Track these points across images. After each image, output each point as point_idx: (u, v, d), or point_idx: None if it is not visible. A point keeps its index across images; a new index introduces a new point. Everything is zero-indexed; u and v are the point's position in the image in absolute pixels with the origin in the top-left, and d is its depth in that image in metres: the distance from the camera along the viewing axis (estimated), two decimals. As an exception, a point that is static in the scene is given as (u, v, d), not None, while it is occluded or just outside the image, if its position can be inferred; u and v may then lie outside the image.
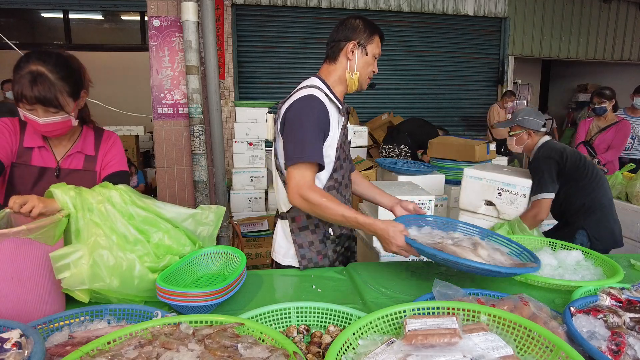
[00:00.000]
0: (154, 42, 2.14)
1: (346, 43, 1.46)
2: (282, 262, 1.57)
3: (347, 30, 1.47)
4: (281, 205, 1.56)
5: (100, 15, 6.85)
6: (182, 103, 2.20)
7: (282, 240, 1.57)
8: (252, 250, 3.37)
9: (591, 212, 2.30)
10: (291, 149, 1.37)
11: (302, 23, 6.26)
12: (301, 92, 1.42)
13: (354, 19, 1.49)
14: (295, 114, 1.38)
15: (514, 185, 2.20)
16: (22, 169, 1.41)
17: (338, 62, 1.49)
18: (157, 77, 2.17)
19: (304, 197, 1.35)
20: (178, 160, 2.24)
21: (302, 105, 1.38)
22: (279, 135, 1.46)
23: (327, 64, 1.52)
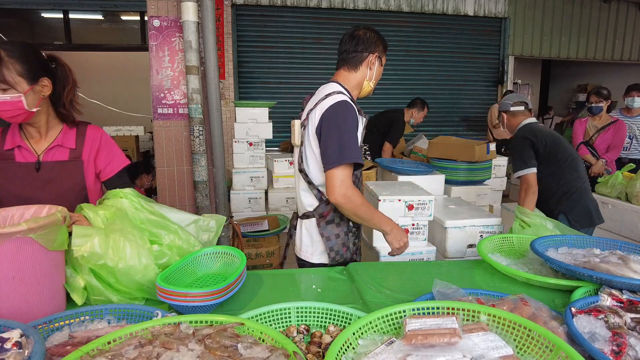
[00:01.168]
0: (154, 42, 2.14)
1: (368, 54, 1.61)
2: (310, 260, 1.67)
3: (367, 43, 1.60)
4: (305, 206, 1.65)
5: (100, 15, 6.85)
6: (182, 103, 2.20)
7: (308, 239, 1.66)
8: (252, 250, 3.37)
9: (568, 196, 2.37)
10: (334, 151, 1.46)
11: (302, 23, 6.26)
12: (333, 97, 1.52)
13: (370, 32, 1.62)
14: (334, 118, 1.48)
15: (492, 226, 2.34)
16: (5, 167, 1.44)
17: (359, 71, 1.62)
18: (157, 77, 2.17)
19: (348, 196, 1.47)
20: (178, 160, 2.23)
21: (340, 110, 1.48)
22: (311, 140, 1.55)
23: (346, 71, 1.63)
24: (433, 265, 1.60)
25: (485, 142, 3.79)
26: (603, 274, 1.18)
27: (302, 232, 1.69)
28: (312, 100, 1.63)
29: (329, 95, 1.53)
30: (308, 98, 1.72)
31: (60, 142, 1.51)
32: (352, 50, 1.60)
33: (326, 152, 1.48)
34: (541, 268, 1.46)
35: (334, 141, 1.47)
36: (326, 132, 1.48)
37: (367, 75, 1.63)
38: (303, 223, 1.68)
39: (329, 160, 1.47)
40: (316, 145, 1.54)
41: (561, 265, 1.29)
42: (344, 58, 1.62)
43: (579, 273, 1.23)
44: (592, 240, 1.56)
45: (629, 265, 1.26)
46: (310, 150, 1.56)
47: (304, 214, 1.66)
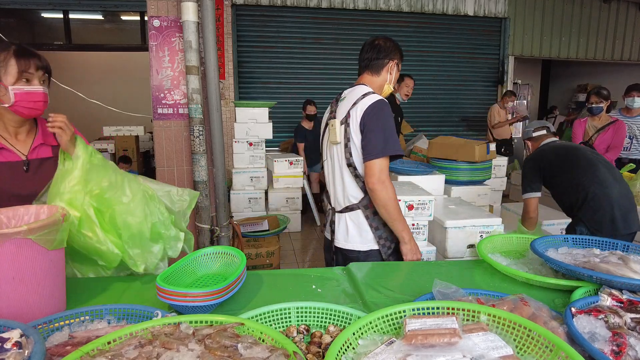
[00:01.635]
0: (154, 42, 2.14)
1: (388, 61, 1.80)
2: (360, 249, 1.77)
3: (387, 51, 1.79)
4: (350, 199, 1.76)
5: (100, 15, 6.85)
6: (182, 103, 2.20)
7: (355, 229, 1.77)
8: (252, 250, 3.37)
9: (584, 202, 2.30)
10: (378, 143, 1.62)
11: (302, 23, 6.26)
12: (371, 96, 1.68)
13: (389, 41, 1.82)
14: (376, 113, 1.64)
15: (492, 226, 2.35)
16: None
17: (380, 76, 1.81)
18: (157, 77, 2.17)
19: (385, 184, 1.62)
20: (178, 160, 2.23)
21: (381, 107, 1.65)
22: (355, 135, 1.68)
23: (369, 75, 1.81)
24: (433, 265, 1.60)
25: (485, 142, 3.79)
26: (603, 274, 1.18)
27: (348, 224, 1.78)
28: (346, 101, 1.75)
29: (367, 95, 1.68)
30: (335, 102, 1.86)
31: (43, 141, 1.50)
32: (374, 58, 1.78)
33: (369, 144, 1.63)
34: (541, 268, 1.46)
35: (378, 134, 1.62)
36: (370, 126, 1.63)
37: (388, 79, 1.82)
38: (346, 216, 1.78)
39: (372, 152, 1.62)
40: (358, 140, 1.67)
41: (561, 265, 1.29)
42: (367, 64, 1.80)
43: (579, 273, 1.23)
44: (592, 240, 1.57)
45: (629, 265, 1.26)
46: (354, 146, 1.69)
47: (347, 207, 1.77)
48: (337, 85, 6.56)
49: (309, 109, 5.33)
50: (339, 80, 6.55)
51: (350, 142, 1.70)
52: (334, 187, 1.82)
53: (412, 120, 6.51)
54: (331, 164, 1.82)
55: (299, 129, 5.44)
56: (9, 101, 1.35)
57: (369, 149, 1.63)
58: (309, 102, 5.36)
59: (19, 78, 1.34)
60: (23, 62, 1.34)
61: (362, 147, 1.66)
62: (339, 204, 1.82)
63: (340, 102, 1.80)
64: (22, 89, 1.35)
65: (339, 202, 1.81)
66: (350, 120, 1.69)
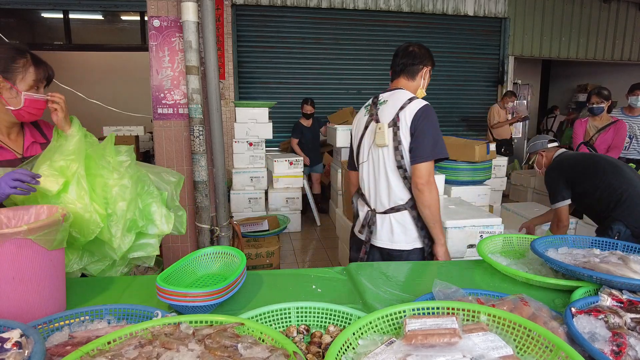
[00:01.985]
0: (154, 42, 2.14)
1: (423, 67, 1.88)
2: (405, 248, 1.84)
3: (422, 57, 1.87)
4: (397, 200, 1.82)
5: (100, 15, 6.85)
6: (182, 103, 2.20)
7: (400, 229, 1.83)
8: (252, 251, 3.37)
9: (620, 203, 2.32)
10: (428, 147, 1.71)
11: (302, 23, 6.26)
12: (418, 101, 1.76)
13: (423, 48, 1.90)
14: (426, 117, 1.72)
15: (492, 226, 2.38)
16: None
17: (415, 81, 1.89)
18: (157, 77, 2.17)
19: (432, 186, 1.72)
20: (178, 160, 2.24)
21: (429, 111, 1.74)
22: (405, 138, 1.74)
23: (405, 80, 1.89)
24: (433, 265, 1.60)
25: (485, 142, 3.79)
26: (603, 274, 1.18)
27: (393, 224, 1.84)
28: (389, 104, 1.81)
29: (413, 99, 1.77)
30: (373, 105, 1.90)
31: (33, 139, 1.53)
32: (409, 63, 1.86)
33: (419, 148, 1.71)
34: (541, 268, 1.46)
35: (428, 138, 1.71)
36: (420, 130, 1.71)
37: (421, 84, 1.91)
38: (391, 217, 1.84)
39: (422, 155, 1.71)
40: (407, 143, 1.75)
41: (561, 266, 1.29)
42: (402, 69, 1.88)
43: (579, 273, 1.23)
44: (592, 241, 1.57)
45: (629, 265, 1.26)
46: (404, 148, 1.76)
47: (392, 208, 1.83)
48: (337, 85, 6.56)
49: (306, 108, 5.34)
50: (339, 80, 6.55)
51: (401, 145, 1.76)
52: (377, 189, 1.86)
53: (412, 120, 6.52)
54: (373, 167, 1.86)
55: (296, 125, 5.47)
56: (17, 105, 1.39)
57: (419, 152, 1.71)
58: (306, 102, 5.37)
59: (32, 86, 1.40)
60: (40, 72, 1.42)
61: (411, 150, 1.73)
62: (382, 205, 1.86)
63: (381, 105, 1.85)
64: (33, 96, 1.41)
65: (382, 203, 1.86)
66: (400, 123, 1.75)
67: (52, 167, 1.31)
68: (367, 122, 1.91)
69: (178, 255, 2.30)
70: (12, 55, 1.37)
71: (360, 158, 1.96)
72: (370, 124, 1.87)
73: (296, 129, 5.44)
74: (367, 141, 1.90)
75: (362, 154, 1.93)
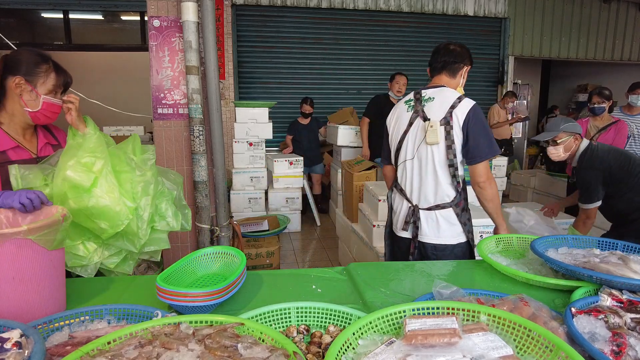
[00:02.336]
0: (154, 42, 2.14)
1: (463, 66, 1.93)
2: (450, 242, 1.90)
3: (463, 56, 1.92)
4: (444, 197, 1.87)
5: (100, 15, 6.84)
6: (182, 103, 2.20)
7: (446, 224, 1.89)
8: (252, 251, 3.37)
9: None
10: (485, 147, 1.78)
11: (302, 23, 6.26)
12: (467, 100, 1.80)
13: (464, 48, 1.95)
14: (478, 117, 1.78)
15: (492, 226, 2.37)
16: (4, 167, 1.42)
17: (455, 79, 1.95)
18: (157, 77, 2.17)
19: (492, 181, 1.83)
20: (178, 160, 2.23)
21: (479, 112, 1.80)
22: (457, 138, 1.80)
23: (447, 77, 1.93)
24: (433, 265, 1.60)
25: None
26: (603, 274, 1.18)
27: (439, 220, 1.88)
28: (437, 102, 1.84)
29: (462, 98, 1.81)
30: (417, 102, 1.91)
31: (46, 140, 1.58)
32: (451, 61, 1.90)
33: (477, 148, 1.78)
34: (541, 268, 1.46)
35: (484, 138, 1.78)
36: (474, 130, 1.77)
37: (460, 83, 1.96)
38: (436, 213, 1.88)
39: (481, 154, 1.78)
40: (460, 142, 1.81)
41: (561, 266, 1.29)
42: (443, 66, 1.92)
43: (579, 273, 1.23)
44: (592, 241, 1.57)
45: (629, 265, 1.26)
46: (457, 147, 1.81)
47: (437, 205, 1.87)
48: (337, 85, 6.56)
49: (305, 108, 5.36)
50: (339, 80, 6.55)
51: (454, 145, 1.80)
52: (422, 186, 1.89)
53: (412, 120, 6.52)
54: (420, 164, 1.88)
55: (293, 123, 5.52)
56: (36, 107, 1.44)
57: (477, 152, 1.78)
58: (305, 101, 5.38)
59: (52, 91, 1.46)
60: (60, 78, 1.49)
61: (468, 150, 1.80)
62: (426, 202, 1.89)
63: (427, 103, 1.87)
64: (51, 100, 1.46)
65: (427, 199, 1.89)
66: (453, 122, 1.79)
67: (80, 163, 1.36)
68: (411, 118, 1.91)
69: (178, 255, 2.30)
70: (37, 60, 1.43)
71: (403, 155, 1.96)
72: (416, 120, 1.88)
73: (292, 126, 5.50)
74: (412, 137, 1.91)
75: (406, 151, 1.94)
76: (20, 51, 1.46)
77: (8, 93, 1.43)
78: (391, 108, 4.90)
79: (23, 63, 1.41)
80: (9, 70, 1.41)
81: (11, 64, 1.42)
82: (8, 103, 1.44)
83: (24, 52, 1.45)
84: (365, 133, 4.67)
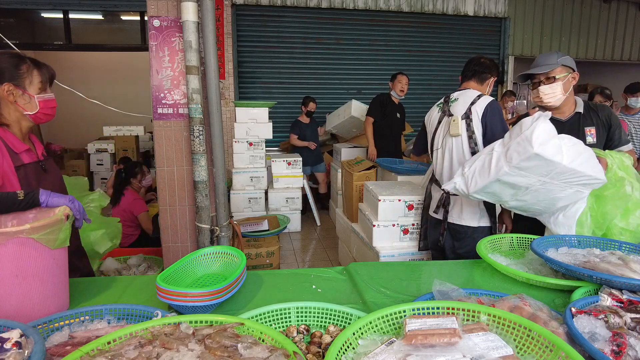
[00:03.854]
0: (154, 42, 2.13)
1: (491, 76, 2.20)
2: (473, 225, 2.12)
3: (491, 68, 2.19)
4: None
5: (100, 15, 6.84)
6: (182, 103, 2.20)
7: (469, 208, 2.11)
8: (252, 250, 3.37)
9: None
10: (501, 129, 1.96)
11: (302, 23, 6.26)
12: (485, 97, 2.06)
13: (492, 62, 2.21)
14: (495, 110, 2.01)
15: None
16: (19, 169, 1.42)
17: (482, 86, 2.20)
18: (157, 77, 2.17)
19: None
20: (178, 160, 2.23)
21: (496, 105, 2.04)
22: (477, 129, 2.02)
23: (475, 83, 2.19)
24: (433, 265, 1.60)
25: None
26: (603, 274, 1.18)
27: (462, 203, 2.11)
28: (461, 101, 2.10)
29: (482, 96, 2.06)
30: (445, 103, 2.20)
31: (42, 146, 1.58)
32: (481, 71, 2.17)
33: (494, 138, 1.88)
34: (541, 268, 1.46)
35: (500, 129, 1.97)
36: (491, 121, 2.00)
37: (486, 91, 2.20)
38: (463, 200, 2.08)
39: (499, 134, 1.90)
40: (479, 132, 2.03)
41: (561, 266, 1.29)
42: (474, 74, 2.19)
43: (579, 273, 1.23)
44: (592, 241, 1.57)
45: (629, 265, 1.26)
46: (478, 137, 2.03)
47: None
48: (337, 85, 6.56)
49: (311, 106, 5.38)
50: (339, 80, 6.55)
51: (474, 135, 2.03)
52: (451, 174, 2.09)
53: (412, 120, 6.50)
54: (449, 153, 2.12)
55: (295, 122, 5.51)
56: (34, 109, 1.43)
57: (494, 133, 1.97)
58: (312, 100, 5.39)
59: (41, 88, 1.45)
60: (43, 73, 1.46)
61: (489, 138, 1.97)
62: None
63: (453, 103, 2.15)
64: (44, 97, 1.45)
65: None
66: (472, 116, 2.03)
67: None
68: (440, 117, 2.20)
69: (178, 255, 2.29)
70: (15, 62, 1.40)
71: (435, 145, 2.24)
72: (444, 118, 2.16)
73: (295, 125, 5.48)
74: (441, 132, 2.19)
75: (437, 143, 2.21)
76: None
77: (2, 102, 1.39)
78: (393, 107, 4.93)
79: (4, 69, 1.38)
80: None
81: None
82: (5, 112, 1.41)
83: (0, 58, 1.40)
84: (370, 133, 4.61)
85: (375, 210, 2.81)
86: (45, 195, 1.22)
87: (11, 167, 1.37)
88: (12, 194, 1.19)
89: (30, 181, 1.41)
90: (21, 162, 1.41)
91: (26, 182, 1.39)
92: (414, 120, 6.54)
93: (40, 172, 1.49)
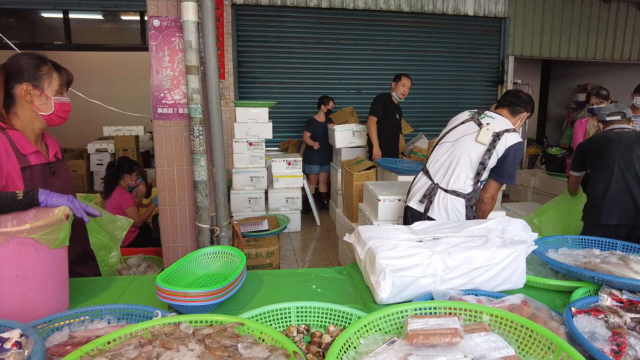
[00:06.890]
0: (154, 42, 2.13)
1: (525, 112, 2.21)
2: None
3: (526, 103, 2.20)
4: (462, 187, 2.08)
5: (100, 15, 6.84)
6: (182, 103, 2.19)
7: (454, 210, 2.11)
8: (252, 250, 3.37)
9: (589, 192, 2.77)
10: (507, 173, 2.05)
11: (302, 23, 6.25)
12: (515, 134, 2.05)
13: (530, 98, 2.24)
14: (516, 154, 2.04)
15: None
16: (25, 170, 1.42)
17: (514, 118, 2.19)
18: (157, 77, 2.17)
19: (494, 201, 2.14)
20: (178, 160, 2.23)
21: (520, 148, 2.05)
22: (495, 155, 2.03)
23: (508, 112, 2.20)
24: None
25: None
26: (604, 274, 1.18)
27: (448, 204, 2.10)
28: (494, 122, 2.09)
29: (513, 131, 2.06)
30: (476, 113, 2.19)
31: (55, 149, 1.58)
32: (516, 104, 2.19)
33: (503, 171, 2.04)
34: (541, 269, 1.46)
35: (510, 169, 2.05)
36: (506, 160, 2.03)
37: (516, 124, 2.20)
38: (449, 197, 2.10)
39: (502, 175, 2.05)
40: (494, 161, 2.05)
41: (562, 267, 1.29)
42: (509, 104, 2.20)
43: (580, 274, 1.23)
44: (592, 241, 1.56)
45: (629, 265, 1.26)
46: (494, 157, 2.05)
47: (454, 191, 2.09)
48: (337, 85, 6.56)
49: (331, 104, 5.46)
50: (339, 80, 6.55)
51: (493, 152, 2.03)
52: (449, 170, 2.11)
53: (412, 120, 6.51)
54: (458, 151, 2.11)
55: (310, 120, 5.55)
56: (49, 110, 1.45)
57: (499, 172, 2.05)
58: (330, 98, 5.48)
59: (58, 91, 1.47)
60: (62, 76, 1.50)
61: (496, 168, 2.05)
62: (445, 184, 2.12)
63: (485, 117, 2.15)
64: (60, 100, 1.47)
65: (447, 182, 2.11)
66: (499, 143, 2.04)
67: None
68: (467, 119, 2.19)
69: (178, 255, 2.29)
70: (36, 63, 1.43)
71: (446, 138, 2.20)
72: (470, 122, 2.15)
73: (309, 123, 5.51)
74: (460, 130, 2.16)
75: (449, 137, 2.19)
76: (18, 57, 1.43)
77: (18, 101, 1.41)
78: (394, 108, 4.92)
79: (25, 69, 1.40)
80: (14, 79, 1.39)
81: (14, 71, 1.39)
82: (20, 111, 1.42)
83: (22, 58, 1.42)
84: (374, 132, 4.58)
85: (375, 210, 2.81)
86: (44, 195, 1.22)
87: (16, 168, 1.37)
88: (12, 194, 1.19)
89: (36, 183, 1.41)
90: (28, 164, 1.41)
91: (32, 183, 1.39)
92: (413, 120, 6.54)
93: (48, 174, 1.48)
